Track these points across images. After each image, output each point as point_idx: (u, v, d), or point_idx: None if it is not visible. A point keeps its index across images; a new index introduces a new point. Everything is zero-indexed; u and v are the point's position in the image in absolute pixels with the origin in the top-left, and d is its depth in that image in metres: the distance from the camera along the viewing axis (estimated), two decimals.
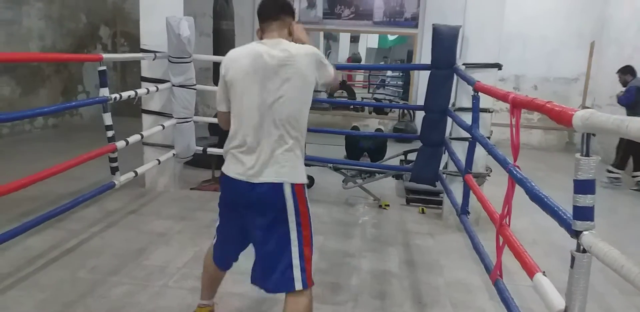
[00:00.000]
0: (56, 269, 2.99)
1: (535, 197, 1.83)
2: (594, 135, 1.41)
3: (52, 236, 3.43)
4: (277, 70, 1.92)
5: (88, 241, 3.43)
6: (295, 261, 1.99)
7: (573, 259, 1.49)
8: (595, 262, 1.40)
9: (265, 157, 1.93)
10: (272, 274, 2.01)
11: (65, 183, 4.25)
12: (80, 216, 3.81)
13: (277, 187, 1.94)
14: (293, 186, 1.97)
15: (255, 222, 2.00)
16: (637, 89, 5.75)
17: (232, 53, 2.05)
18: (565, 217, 1.58)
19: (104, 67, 3.54)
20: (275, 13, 2.10)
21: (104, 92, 3.52)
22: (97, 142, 3.93)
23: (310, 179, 5.12)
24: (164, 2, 4.41)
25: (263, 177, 1.93)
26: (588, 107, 2.74)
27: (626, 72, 6.03)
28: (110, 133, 3.62)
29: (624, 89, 5.97)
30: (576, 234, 1.49)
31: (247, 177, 1.94)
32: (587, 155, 1.42)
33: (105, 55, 3.62)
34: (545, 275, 1.74)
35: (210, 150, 4.82)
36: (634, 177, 5.96)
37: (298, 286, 1.97)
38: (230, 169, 2.00)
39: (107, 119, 3.59)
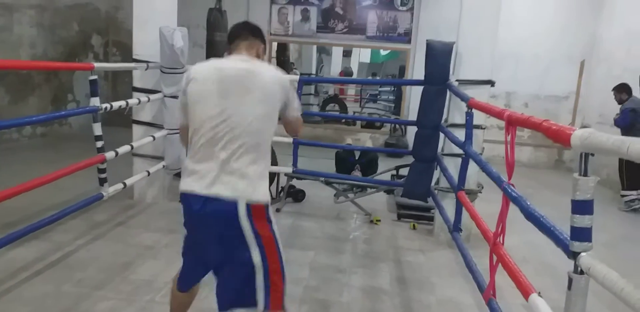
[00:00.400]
0: (40, 282, 2.91)
1: (531, 216, 1.81)
2: (592, 155, 1.40)
3: (37, 248, 3.35)
4: (239, 82, 1.86)
5: (74, 253, 3.35)
6: (260, 294, 1.83)
7: (570, 280, 1.47)
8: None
9: (220, 172, 1.80)
10: (232, 306, 1.86)
11: (52, 194, 4.17)
12: (66, 228, 3.73)
13: (231, 206, 1.77)
14: (249, 205, 1.79)
15: (211, 245, 1.86)
16: (632, 110, 5.72)
17: (196, 67, 1.98)
18: (562, 237, 1.56)
19: (95, 77, 3.51)
20: (244, 33, 2.08)
21: (95, 101, 3.48)
22: (86, 153, 3.87)
23: (302, 193, 5.08)
24: (158, 12, 4.40)
25: (215, 191, 1.78)
26: (587, 126, 2.72)
27: (621, 90, 5.96)
28: (99, 143, 3.57)
29: (619, 110, 5.90)
30: (573, 255, 1.47)
31: (201, 190, 1.80)
32: (586, 175, 1.41)
33: (96, 65, 3.59)
34: (540, 296, 1.72)
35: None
36: (623, 196, 5.87)
37: (260, 307, 1.82)
38: (187, 183, 1.86)
39: (97, 129, 3.55)
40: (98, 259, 3.29)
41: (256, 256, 1.81)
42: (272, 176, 4.96)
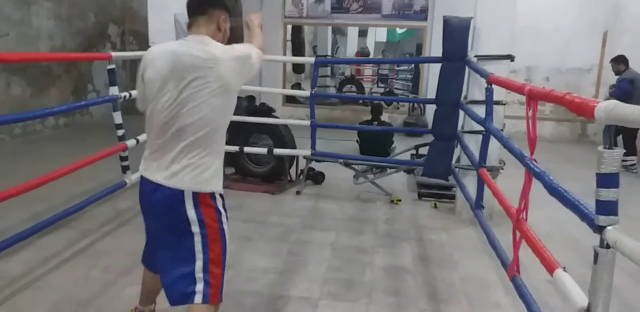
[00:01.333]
0: (69, 269, 2.99)
1: (554, 191, 1.78)
2: (617, 127, 1.36)
3: (65, 236, 3.43)
4: (193, 72, 1.75)
5: (100, 240, 3.43)
6: (199, 274, 1.82)
7: (596, 254, 1.45)
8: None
9: (171, 161, 1.80)
10: (173, 287, 1.85)
11: (77, 182, 4.25)
12: (92, 215, 3.81)
13: (178, 195, 1.79)
14: (196, 194, 1.80)
15: (159, 229, 1.90)
16: (630, 81, 5.88)
17: (152, 50, 1.92)
18: (587, 211, 1.53)
19: (113, 66, 3.53)
20: (200, 6, 1.92)
21: (114, 90, 3.52)
22: (108, 141, 3.93)
23: (321, 175, 5.09)
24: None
25: (164, 180, 1.80)
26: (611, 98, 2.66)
27: (619, 61, 6.14)
28: (120, 132, 3.62)
29: (616, 81, 6.12)
30: (599, 229, 1.44)
31: (153, 177, 1.84)
32: (610, 147, 1.37)
33: (114, 54, 3.62)
34: (565, 271, 1.70)
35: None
36: (622, 162, 5.95)
37: (198, 299, 1.81)
38: (141, 168, 1.91)
39: (117, 117, 3.59)
40: (123, 245, 3.36)
41: (198, 242, 1.82)
42: (292, 159, 4.97)
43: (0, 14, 6.46)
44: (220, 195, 1.91)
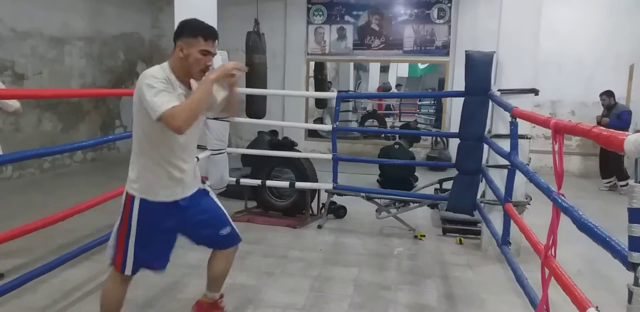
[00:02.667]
0: (91, 302, 2.98)
1: (584, 227, 1.73)
2: None
3: (88, 269, 3.44)
4: None
5: None
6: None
7: (630, 293, 1.39)
8: None
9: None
10: None
11: (102, 215, 4.29)
12: None
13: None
14: (125, 193, 2.29)
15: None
16: (630, 113, 6.53)
17: None
18: (619, 248, 1.48)
19: None
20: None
21: None
22: None
23: (343, 209, 5.06)
24: None
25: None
26: None
27: (610, 95, 6.71)
28: None
29: (611, 113, 6.62)
30: (633, 267, 1.39)
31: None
32: None
33: None
34: (598, 310, 1.63)
35: (244, 181, 4.84)
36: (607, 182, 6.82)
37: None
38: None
39: None
40: (146, 278, 3.33)
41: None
42: (313, 193, 4.96)
43: (35, 53, 6.77)
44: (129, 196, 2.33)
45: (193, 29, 2.14)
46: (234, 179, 4.80)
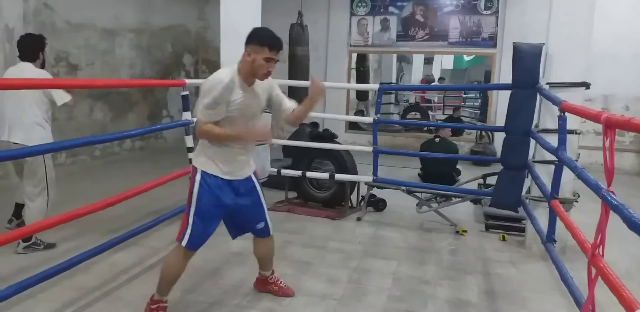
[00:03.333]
0: (138, 284, 3.11)
1: (635, 226, 1.67)
2: None
3: (135, 253, 3.58)
4: None
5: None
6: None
7: None
8: None
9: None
10: None
11: (148, 202, 4.46)
12: (161, 234, 3.96)
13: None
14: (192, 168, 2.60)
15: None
16: None
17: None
18: None
19: (187, 92, 3.72)
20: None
21: (187, 115, 3.70)
22: (179, 164, 4.11)
23: (383, 202, 5.04)
24: (243, 29, 4.54)
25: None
26: None
27: None
28: (191, 155, 3.78)
29: None
30: None
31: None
32: None
33: (188, 81, 3.81)
34: None
35: (285, 171, 4.90)
36: None
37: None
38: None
39: (189, 141, 3.76)
40: (190, 264, 3.41)
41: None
42: (353, 185, 4.97)
43: (88, 45, 7.02)
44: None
45: (261, 39, 2.45)
46: (275, 170, 4.86)
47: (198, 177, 2.53)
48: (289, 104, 2.73)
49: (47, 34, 4.25)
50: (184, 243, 2.55)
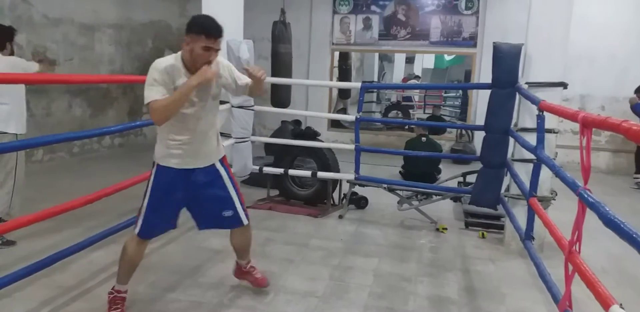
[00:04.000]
0: None
1: (610, 223, 1.70)
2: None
3: (114, 251, 3.50)
4: None
5: (148, 256, 3.48)
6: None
7: None
8: None
9: None
10: None
11: (128, 200, 4.38)
12: None
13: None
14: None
15: None
16: None
17: None
18: None
19: None
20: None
21: None
22: None
23: (364, 200, 5.06)
24: (225, 26, 4.51)
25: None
26: None
27: None
28: None
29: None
30: None
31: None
32: None
33: None
34: (622, 307, 1.61)
35: (267, 169, 4.89)
36: (635, 178, 6.77)
37: None
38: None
39: None
40: (170, 261, 3.43)
41: None
42: (335, 183, 4.98)
43: (66, 40, 6.90)
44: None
45: (198, 26, 2.36)
46: (257, 167, 4.85)
47: (154, 169, 2.58)
48: (244, 80, 2.64)
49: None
50: (136, 231, 2.59)
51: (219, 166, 2.67)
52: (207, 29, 2.34)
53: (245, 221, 2.77)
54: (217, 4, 4.52)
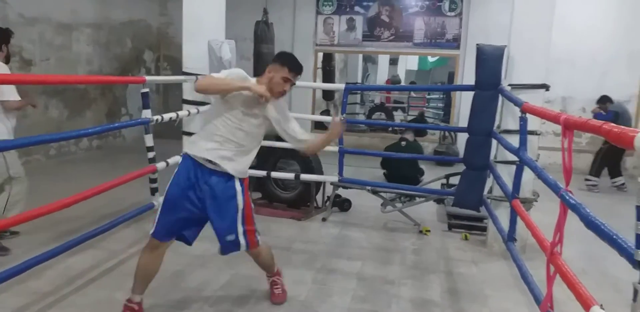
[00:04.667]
0: (94, 289, 2.99)
1: (591, 225, 1.70)
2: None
3: (91, 256, 3.45)
4: None
5: (126, 261, 3.44)
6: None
7: (636, 291, 1.38)
8: None
9: None
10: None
11: (106, 203, 4.31)
12: (119, 237, 3.84)
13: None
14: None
15: None
16: (615, 113, 6.48)
17: None
18: (626, 246, 1.46)
19: (147, 90, 3.61)
20: None
21: (146, 113, 3.59)
22: (139, 164, 3.99)
23: (348, 202, 5.04)
24: (206, 26, 4.51)
25: None
26: None
27: (605, 101, 6.72)
28: (151, 154, 3.67)
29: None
30: (639, 265, 1.38)
31: None
32: None
33: (148, 78, 3.70)
34: (602, 308, 1.61)
35: (249, 171, 4.82)
36: (613, 183, 6.66)
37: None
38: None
39: (149, 140, 3.65)
40: None
41: None
42: (318, 185, 4.94)
43: (43, 40, 6.76)
44: None
45: (285, 60, 2.65)
46: None
47: (181, 159, 2.68)
48: (299, 132, 2.77)
49: None
50: (151, 231, 2.59)
51: (237, 183, 2.62)
52: (291, 64, 2.63)
53: (242, 247, 2.65)
54: (199, 4, 4.46)
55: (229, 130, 2.57)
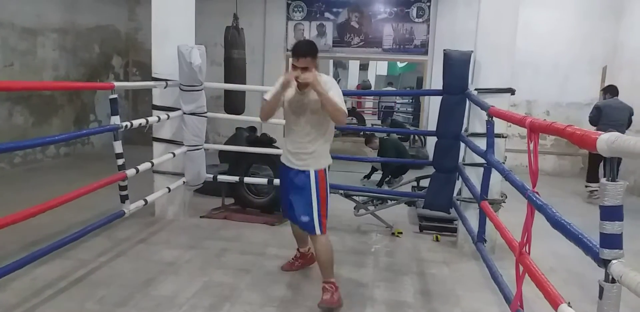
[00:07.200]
0: (63, 300, 2.92)
1: (557, 224, 1.76)
2: (619, 159, 1.36)
3: (60, 266, 3.37)
4: None
5: (96, 270, 3.37)
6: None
7: (601, 289, 1.42)
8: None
9: None
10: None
11: (75, 212, 4.22)
12: (89, 245, 3.76)
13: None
14: None
15: None
16: (595, 107, 6.18)
17: None
18: (591, 245, 1.51)
19: (115, 96, 3.55)
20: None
21: (115, 120, 3.53)
22: (108, 171, 3.91)
23: None
24: (176, 31, 4.47)
25: None
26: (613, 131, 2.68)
27: (606, 91, 6.38)
28: (120, 161, 3.60)
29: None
30: (604, 263, 1.42)
31: None
32: (614, 180, 1.36)
33: (116, 83, 3.64)
34: (570, 306, 1.66)
35: (221, 177, 4.80)
36: (586, 187, 6.37)
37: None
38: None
39: (118, 147, 3.58)
40: (120, 276, 3.30)
41: None
42: None
43: (6, 45, 6.58)
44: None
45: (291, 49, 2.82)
46: (211, 176, 4.75)
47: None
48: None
49: None
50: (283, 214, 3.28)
51: (312, 174, 2.95)
52: (293, 50, 2.77)
53: (317, 231, 2.98)
54: (167, 9, 4.43)
55: (291, 133, 3.02)
